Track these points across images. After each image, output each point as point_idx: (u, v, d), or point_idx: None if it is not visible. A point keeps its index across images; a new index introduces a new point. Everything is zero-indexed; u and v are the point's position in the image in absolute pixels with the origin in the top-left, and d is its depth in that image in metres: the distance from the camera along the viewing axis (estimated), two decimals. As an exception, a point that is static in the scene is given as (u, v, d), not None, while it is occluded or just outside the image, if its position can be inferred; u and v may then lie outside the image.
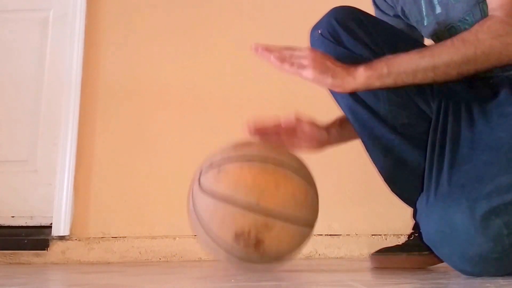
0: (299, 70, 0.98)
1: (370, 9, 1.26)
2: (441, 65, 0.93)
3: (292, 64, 0.99)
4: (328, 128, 1.18)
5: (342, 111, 1.12)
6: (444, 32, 1.07)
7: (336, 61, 1.00)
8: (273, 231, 0.93)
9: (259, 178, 0.95)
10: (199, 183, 0.97)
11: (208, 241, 0.97)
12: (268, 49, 1.01)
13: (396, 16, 1.23)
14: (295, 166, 1.00)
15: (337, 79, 0.98)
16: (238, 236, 0.92)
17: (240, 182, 0.95)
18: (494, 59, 0.92)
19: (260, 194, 0.93)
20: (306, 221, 0.99)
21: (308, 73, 0.98)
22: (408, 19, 1.19)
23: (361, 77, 0.97)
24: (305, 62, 0.98)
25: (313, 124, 1.16)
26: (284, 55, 0.99)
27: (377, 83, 0.97)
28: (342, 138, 1.21)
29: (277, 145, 1.10)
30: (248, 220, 0.92)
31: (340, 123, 1.19)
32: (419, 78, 0.95)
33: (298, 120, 1.14)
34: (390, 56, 0.97)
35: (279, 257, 0.98)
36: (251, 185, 0.94)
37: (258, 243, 0.92)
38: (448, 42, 0.95)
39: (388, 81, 0.96)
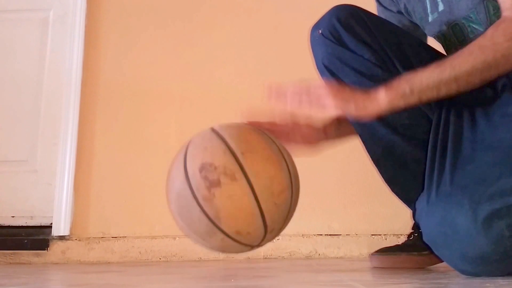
0: (319, 101, 0.96)
1: (372, 8, 1.26)
2: (463, 75, 0.91)
3: (311, 103, 0.96)
4: (325, 127, 1.16)
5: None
6: (448, 29, 1.07)
7: (353, 88, 0.98)
8: (232, 186, 0.91)
9: (258, 143, 0.97)
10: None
11: (178, 167, 0.97)
12: (282, 90, 0.98)
13: (399, 12, 1.22)
14: (289, 161, 1.00)
15: (360, 105, 0.95)
16: (204, 165, 0.92)
17: (236, 129, 0.98)
18: None
19: (249, 152, 0.93)
20: (263, 213, 0.94)
21: (329, 102, 0.95)
22: (411, 16, 1.19)
23: (384, 100, 0.94)
24: (323, 93, 0.96)
25: (310, 125, 1.13)
26: (300, 92, 0.97)
27: (401, 103, 0.94)
28: (339, 137, 1.19)
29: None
30: (224, 158, 0.92)
31: (338, 121, 1.17)
32: (443, 92, 0.93)
33: (294, 120, 1.11)
34: (409, 75, 0.94)
35: (217, 217, 0.93)
36: (245, 139, 0.96)
37: (214, 184, 0.91)
38: (465, 51, 0.93)
39: (413, 99, 0.93)
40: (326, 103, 0.96)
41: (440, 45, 1.14)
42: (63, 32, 2.01)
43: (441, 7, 1.07)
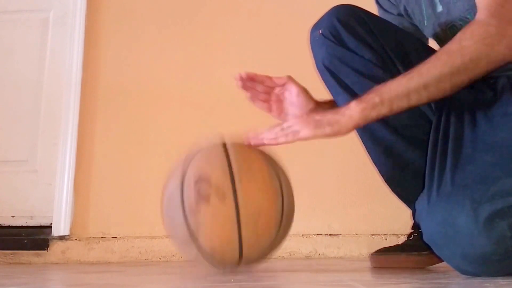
0: (295, 137, 0.97)
1: (372, 8, 1.26)
2: (432, 81, 0.90)
3: (286, 136, 0.98)
4: (319, 102, 1.14)
5: None
6: (446, 31, 1.07)
7: (321, 112, 0.99)
8: (220, 207, 0.92)
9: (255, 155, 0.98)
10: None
11: (179, 169, 0.98)
12: (259, 137, 1.00)
13: (400, 15, 1.22)
14: (286, 196, 1.00)
15: (334, 125, 0.95)
16: (201, 179, 0.93)
17: (245, 152, 0.99)
18: (484, 63, 0.89)
19: (248, 179, 0.94)
20: (242, 240, 0.95)
21: (305, 133, 0.96)
22: (411, 18, 1.19)
23: (356, 112, 0.93)
24: (296, 127, 0.97)
25: (304, 90, 1.12)
26: (275, 134, 0.99)
27: (373, 114, 0.93)
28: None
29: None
30: (221, 177, 0.93)
31: (331, 103, 1.15)
32: (414, 100, 0.92)
33: (290, 78, 1.10)
34: (378, 86, 0.94)
35: (196, 230, 0.94)
36: (248, 165, 0.96)
37: (203, 200, 0.92)
38: (433, 57, 0.92)
39: (384, 110, 0.93)
40: (302, 134, 0.96)
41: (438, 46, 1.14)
42: (63, 33, 2.01)
43: (439, 8, 1.07)
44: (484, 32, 0.89)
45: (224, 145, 1.00)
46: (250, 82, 1.10)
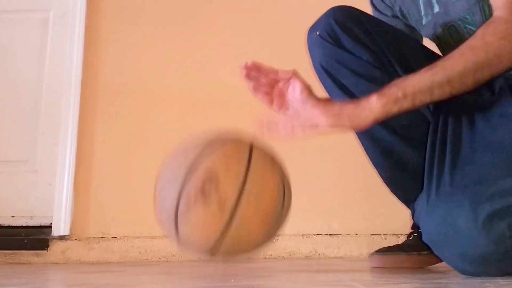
0: (313, 129, 0.95)
1: (369, 9, 1.26)
2: (455, 76, 0.90)
3: (303, 126, 0.96)
4: (321, 99, 1.11)
5: None
6: (444, 31, 1.07)
7: (340, 102, 0.97)
8: (213, 216, 0.89)
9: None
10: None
11: (192, 151, 0.94)
12: (273, 124, 0.98)
13: (395, 16, 1.22)
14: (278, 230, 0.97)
15: (354, 118, 0.93)
16: (212, 179, 0.90)
17: (267, 166, 0.95)
18: (507, 59, 0.90)
19: (254, 205, 0.91)
20: (219, 246, 0.93)
21: (323, 122, 0.94)
22: (406, 19, 1.18)
23: (377, 107, 0.92)
24: (315, 120, 0.95)
25: (308, 87, 1.08)
26: (292, 127, 0.96)
27: (395, 109, 0.92)
28: None
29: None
30: (231, 189, 0.90)
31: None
32: (437, 95, 0.91)
33: (295, 73, 1.07)
34: (400, 79, 0.93)
35: (182, 222, 0.92)
36: (262, 188, 0.92)
37: (201, 200, 0.89)
38: (457, 52, 0.92)
39: (406, 104, 0.91)
40: (318, 122, 0.94)
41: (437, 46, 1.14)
42: (63, 33, 2.01)
43: (436, 8, 1.07)
44: (507, 29, 0.90)
45: (250, 152, 0.95)
46: (255, 71, 1.08)
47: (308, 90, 1.10)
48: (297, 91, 1.08)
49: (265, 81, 1.08)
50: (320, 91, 1.13)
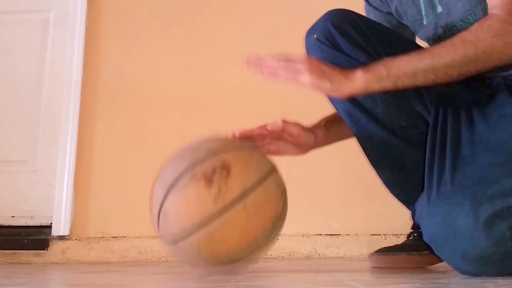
0: (295, 76, 0.96)
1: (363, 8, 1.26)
2: (441, 66, 0.92)
3: (287, 71, 0.96)
4: (313, 130, 1.15)
5: (339, 114, 1.10)
6: (445, 31, 1.07)
7: (332, 66, 0.98)
8: (207, 200, 0.89)
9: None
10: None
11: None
12: (260, 60, 0.98)
13: (389, 13, 1.22)
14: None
15: (335, 83, 0.95)
16: (222, 168, 0.90)
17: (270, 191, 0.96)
18: (495, 58, 0.91)
19: (253, 213, 0.91)
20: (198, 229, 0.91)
21: (305, 78, 0.95)
22: (401, 18, 1.18)
23: (360, 80, 0.94)
24: (300, 67, 0.96)
25: (300, 126, 1.12)
26: (277, 64, 0.97)
27: (376, 86, 0.94)
28: (328, 140, 1.18)
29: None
30: (235, 188, 0.90)
31: (326, 124, 1.17)
32: (420, 80, 0.94)
33: (285, 122, 1.10)
34: (388, 59, 0.95)
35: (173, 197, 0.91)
36: (264, 204, 0.93)
37: (209, 179, 0.89)
38: (448, 42, 0.93)
39: (388, 84, 0.94)
40: (301, 78, 0.96)
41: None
42: (63, 33, 2.01)
43: (439, 9, 1.07)
44: (501, 28, 0.90)
45: (270, 172, 0.96)
46: (245, 136, 1.08)
47: (304, 130, 1.12)
48: (295, 137, 1.11)
49: (260, 141, 1.09)
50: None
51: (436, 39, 1.11)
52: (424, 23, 1.11)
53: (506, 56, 0.91)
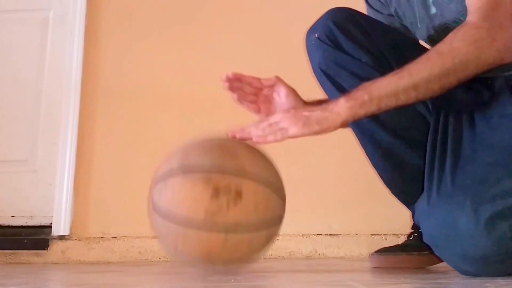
0: (284, 135, 0.96)
1: (364, 8, 1.26)
2: (421, 82, 0.90)
3: (275, 134, 0.96)
4: (308, 102, 1.13)
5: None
6: (440, 32, 1.06)
7: (310, 107, 0.98)
8: (206, 196, 0.88)
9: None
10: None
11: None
12: (246, 133, 0.98)
13: (390, 15, 1.22)
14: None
15: (323, 124, 0.94)
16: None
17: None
18: (473, 66, 0.90)
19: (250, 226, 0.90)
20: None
21: (293, 131, 0.95)
22: (401, 20, 1.18)
23: (344, 110, 0.93)
24: (284, 124, 0.96)
25: (292, 91, 1.11)
26: (261, 132, 0.97)
27: (361, 112, 0.93)
28: None
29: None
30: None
31: (319, 102, 1.13)
32: (402, 100, 0.92)
33: (278, 79, 1.09)
34: (368, 82, 0.94)
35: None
36: (265, 211, 0.91)
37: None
38: (424, 57, 0.92)
39: (372, 108, 0.92)
40: (290, 133, 0.95)
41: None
42: (63, 32, 2.01)
43: (433, 10, 1.06)
44: (475, 35, 0.89)
45: (268, 226, 0.94)
46: (237, 82, 1.09)
47: (293, 93, 1.10)
48: (282, 96, 1.09)
49: (249, 90, 1.09)
50: (320, 94, 1.13)
51: (431, 41, 1.11)
52: (419, 26, 1.11)
53: (483, 62, 0.90)
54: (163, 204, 0.91)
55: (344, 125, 0.96)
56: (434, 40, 1.09)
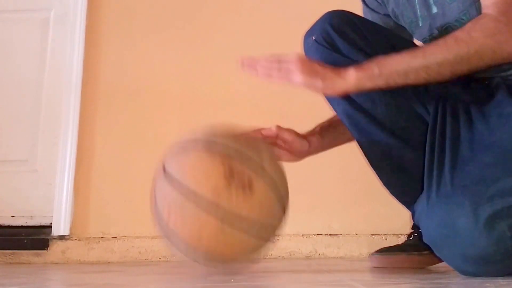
0: (288, 76, 0.96)
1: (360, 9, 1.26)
2: (433, 64, 0.92)
3: (280, 72, 0.96)
4: (308, 137, 1.15)
5: (338, 116, 1.10)
6: (441, 32, 1.06)
7: (325, 64, 0.98)
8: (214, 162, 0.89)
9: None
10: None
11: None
12: (253, 61, 0.99)
13: (386, 15, 1.22)
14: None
15: (327, 82, 0.95)
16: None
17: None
18: (488, 57, 0.91)
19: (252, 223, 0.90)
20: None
21: (297, 77, 0.95)
22: (398, 20, 1.18)
23: (352, 78, 0.95)
24: (292, 67, 0.96)
25: (294, 133, 1.12)
26: (270, 65, 0.97)
27: (368, 84, 0.94)
28: (323, 146, 1.18)
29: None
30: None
31: (320, 130, 1.17)
32: (411, 79, 0.94)
33: (279, 128, 1.11)
34: (381, 57, 0.95)
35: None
36: (270, 215, 0.91)
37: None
38: (441, 41, 0.94)
39: (380, 82, 0.94)
40: (294, 77, 0.96)
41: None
42: (63, 32, 2.01)
43: (434, 9, 1.06)
44: (494, 28, 0.90)
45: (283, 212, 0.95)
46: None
47: (297, 137, 1.12)
48: (289, 143, 1.11)
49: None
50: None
51: (432, 40, 1.11)
52: (420, 25, 1.11)
53: (498, 56, 0.91)
54: (174, 170, 0.91)
55: (348, 93, 0.97)
56: (435, 39, 1.09)
